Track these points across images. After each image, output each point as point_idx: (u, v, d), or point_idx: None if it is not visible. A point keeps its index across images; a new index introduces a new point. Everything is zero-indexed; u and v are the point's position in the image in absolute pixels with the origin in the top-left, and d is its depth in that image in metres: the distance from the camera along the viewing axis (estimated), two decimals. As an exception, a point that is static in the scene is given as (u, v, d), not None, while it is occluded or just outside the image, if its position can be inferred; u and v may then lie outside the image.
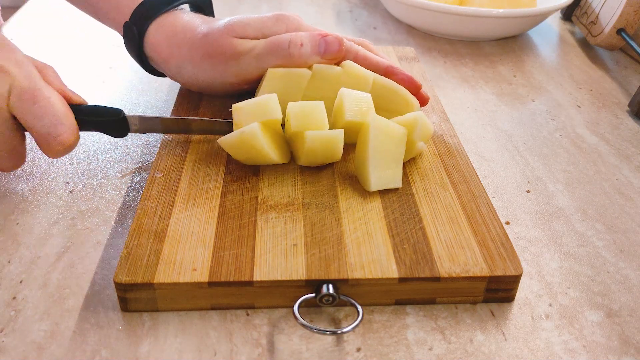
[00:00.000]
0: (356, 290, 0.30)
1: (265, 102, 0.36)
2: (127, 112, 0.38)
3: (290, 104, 0.36)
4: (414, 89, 0.42)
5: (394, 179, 0.36)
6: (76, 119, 0.35)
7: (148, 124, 0.39)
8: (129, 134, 0.38)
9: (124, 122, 0.37)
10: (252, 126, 0.35)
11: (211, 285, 0.30)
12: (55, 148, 0.33)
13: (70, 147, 0.34)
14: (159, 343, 0.29)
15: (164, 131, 0.40)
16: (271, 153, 0.36)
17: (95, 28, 0.55)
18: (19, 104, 0.31)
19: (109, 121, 0.36)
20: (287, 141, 0.39)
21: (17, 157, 0.34)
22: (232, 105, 0.37)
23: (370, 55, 0.43)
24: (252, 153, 0.36)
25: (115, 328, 0.30)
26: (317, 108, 0.36)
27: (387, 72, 0.42)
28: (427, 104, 0.44)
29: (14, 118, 0.33)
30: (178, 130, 0.40)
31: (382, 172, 0.36)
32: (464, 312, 0.31)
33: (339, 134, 0.36)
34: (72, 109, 0.35)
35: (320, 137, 0.35)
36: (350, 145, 0.40)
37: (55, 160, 0.43)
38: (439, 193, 0.36)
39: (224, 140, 0.36)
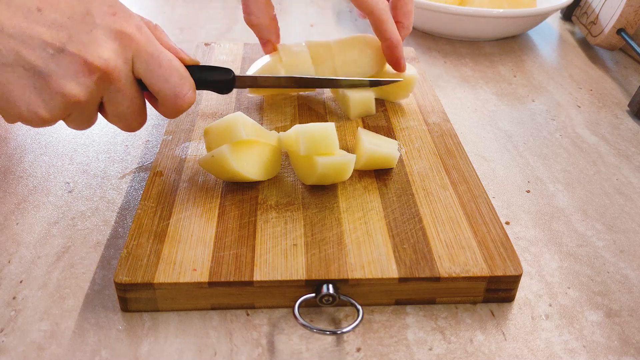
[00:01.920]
0: (356, 290, 0.30)
1: (231, 124, 0.34)
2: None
3: (298, 127, 0.35)
4: (393, 55, 0.44)
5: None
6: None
7: (250, 82, 0.41)
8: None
9: (233, 81, 0.39)
10: (221, 149, 0.34)
11: (211, 285, 0.30)
12: (180, 107, 0.34)
13: (191, 105, 0.35)
14: (159, 343, 0.29)
15: (262, 86, 0.42)
16: (248, 173, 0.35)
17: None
18: (145, 68, 0.32)
19: (220, 81, 0.38)
20: (284, 155, 0.38)
21: (143, 117, 0.34)
22: (204, 128, 0.37)
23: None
24: (229, 174, 0.35)
25: (115, 328, 0.30)
26: (327, 131, 0.34)
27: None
28: (401, 70, 0.45)
29: (138, 81, 0.33)
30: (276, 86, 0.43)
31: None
32: (464, 312, 0.31)
33: (350, 160, 0.34)
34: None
35: (333, 163, 0.34)
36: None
37: (55, 160, 0.43)
38: (439, 193, 0.36)
39: (202, 162, 0.35)
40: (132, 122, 0.34)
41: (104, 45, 0.30)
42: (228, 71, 0.38)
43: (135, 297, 0.30)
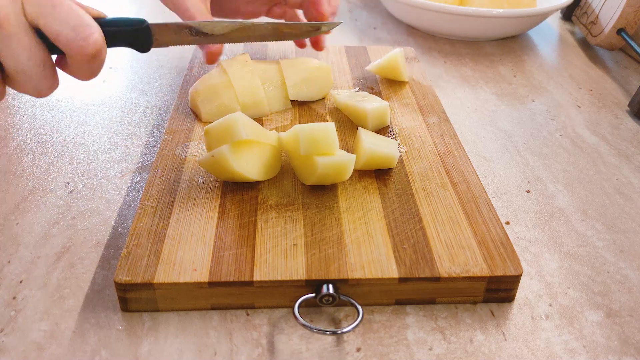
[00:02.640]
0: (356, 290, 0.30)
1: (231, 124, 0.34)
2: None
3: (298, 127, 0.35)
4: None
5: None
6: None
7: (171, 35, 0.37)
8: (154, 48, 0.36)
9: (147, 32, 0.35)
10: (221, 149, 0.34)
11: (211, 285, 0.30)
12: (87, 52, 0.30)
13: (100, 52, 0.31)
14: (159, 343, 0.29)
15: (186, 42, 0.38)
16: (248, 174, 0.35)
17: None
18: (37, 10, 0.29)
19: (132, 31, 0.34)
20: (284, 155, 0.38)
21: (51, 77, 0.31)
22: (205, 128, 0.36)
23: None
24: (229, 174, 0.35)
25: (115, 328, 0.30)
26: (327, 131, 0.34)
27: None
28: (319, 47, 0.47)
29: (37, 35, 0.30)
30: (202, 40, 0.39)
31: None
32: (464, 312, 0.31)
33: (350, 160, 0.34)
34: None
35: (333, 163, 0.34)
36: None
37: (55, 160, 0.43)
38: (439, 193, 0.36)
39: (202, 162, 0.35)
40: (38, 81, 0.30)
41: None
42: (140, 21, 0.34)
43: (135, 297, 0.30)
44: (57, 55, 0.31)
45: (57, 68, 0.32)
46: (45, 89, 0.31)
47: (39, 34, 0.29)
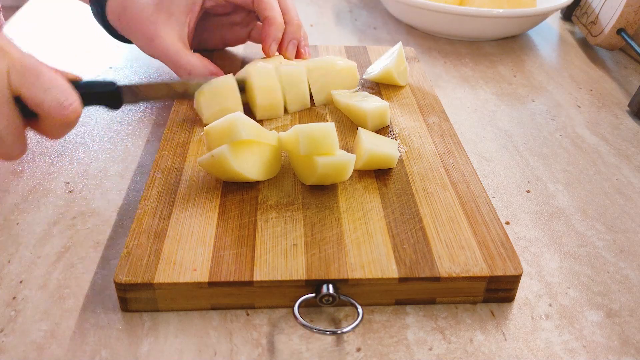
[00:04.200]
0: (356, 290, 0.30)
1: (231, 124, 0.34)
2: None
3: (298, 127, 0.35)
4: (267, 33, 0.46)
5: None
6: None
7: (139, 93, 0.40)
8: (125, 106, 0.40)
9: (119, 93, 0.38)
10: (221, 149, 0.34)
11: (211, 285, 0.30)
12: (66, 118, 0.32)
13: (77, 118, 0.33)
14: (159, 343, 0.29)
15: (157, 98, 0.42)
16: (248, 174, 0.35)
17: (96, 28, 0.55)
18: (22, 80, 0.30)
19: (104, 93, 0.38)
20: (284, 155, 0.38)
21: (23, 142, 0.33)
22: (205, 128, 0.36)
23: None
24: (229, 174, 0.35)
25: (115, 328, 0.30)
26: (327, 131, 0.34)
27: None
28: (266, 51, 0.47)
29: (15, 101, 0.31)
30: (170, 96, 0.42)
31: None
32: (464, 312, 0.31)
33: (350, 160, 0.34)
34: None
35: (333, 163, 0.34)
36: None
37: (55, 160, 0.43)
38: (439, 193, 0.36)
39: (202, 162, 0.35)
40: (10, 146, 0.32)
41: None
42: (111, 84, 0.38)
43: (135, 297, 0.30)
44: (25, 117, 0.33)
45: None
46: (17, 154, 0.33)
47: (18, 104, 0.31)
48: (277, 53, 0.48)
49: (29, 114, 0.32)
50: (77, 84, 0.35)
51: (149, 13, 0.45)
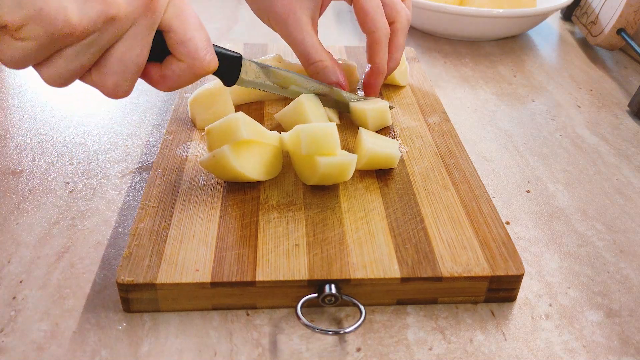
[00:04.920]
0: (358, 290, 0.30)
1: (232, 124, 0.34)
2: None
3: (300, 127, 0.35)
4: (373, 81, 0.44)
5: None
6: None
7: (257, 74, 0.39)
8: (237, 85, 0.38)
9: (238, 65, 0.37)
10: (222, 149, 0.34)
11: (213, 286, 0.30)
12: (205, 67, 0.31)
13: (210, 70, 0.32)
14: (159, 343, 0.29)
15: (266, 89, 0.40)
16: (249, 174, 0.35)
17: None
18: (179, 13, 0.29)
19: (227, 61, 0.36)
20: (286, 155, 0.38)
21: (135, 79, 0.30)
22: (206, 128, 0.36)
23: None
24: (230, 174, 0.35)
25: (115, 328, 0.30)
26: (329, 131, 0.34)
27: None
28: (372, 94, 0.45)
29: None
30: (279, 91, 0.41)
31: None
32: (464, 312, 0.31)
33: (352, 160, 0.34)
34: None
35: (335, 163, 0.34)
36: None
37: (55, 160, 0.43)
38: (441, 193, 0.36)
39: (203, 162, 0.35)
40: (124, 80, 0.29)
41: None
42: (236, 54, 0.36)
43: (137, 297, 0.30)
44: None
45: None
46: (123, 90, 0.30)
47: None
48: (275, 53, 0.47)
49: (155, 57, 0.31)
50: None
51: None
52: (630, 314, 0.32)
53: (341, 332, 0.28)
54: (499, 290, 0.31)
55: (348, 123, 0.44)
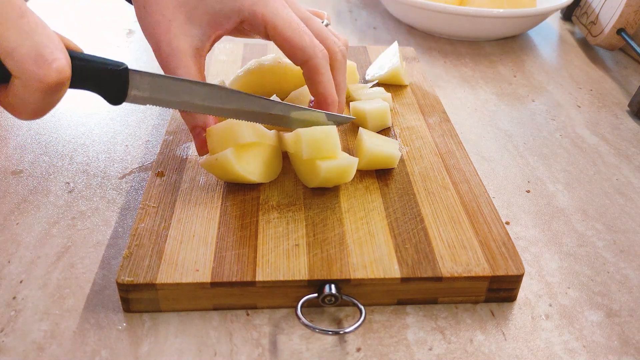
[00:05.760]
0: (358, 290, 0.30)
1: (234, 127, 0.34)
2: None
3: (301, 131, 0.34)
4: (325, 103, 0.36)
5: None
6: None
7: (155, 88, 0.30)
8: (127, 102, 0.30)
9: (124, 80, 0.29)
10: (225, 153, 0.34)
11: (214, 286, 0.30)
12: (45, 80, 0.24)
13: (61, 83, 0.25)
14: (159, 343, 0.29)
15: (173, 106, 0.32)
16: (251, 176, 0.35)
17: (96, 29, 0.55)
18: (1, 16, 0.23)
19: (105, 74, 0.28)
20: (286, 157, 0.38)
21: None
22: (207, 129, 0.35)
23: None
24: (232, 176, 0.35)
25: (115, 328, 0.30)
26: (329, 134, 0.34)
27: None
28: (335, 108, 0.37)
29: None
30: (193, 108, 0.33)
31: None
32: (464, 312, 0.31)
33: (353, 163, 0.34)
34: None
35: (336, 167, 0.34)
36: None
37: (55, 160, 0.43)
38: (441, 193, 0.36)
39: (204, 164, 0.35)
40: (37, 107, 0.25)
41: None
42: (119, 64, 0.28)
43: (137, 297, 0.30)
44: None
45: None
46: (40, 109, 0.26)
47: None
48: (274, 54, 0.47)
49: None
50: (73, 53, 0.27)
51: (168, 3, 0.34)
52: (630, 314, 0.32)
53: (341, 332, 0.28)
54: (499, 290, 0.31)
55: (349, 123, 0.44)
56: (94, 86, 0.29)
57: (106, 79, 0.28)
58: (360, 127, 0.40)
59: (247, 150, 0.35)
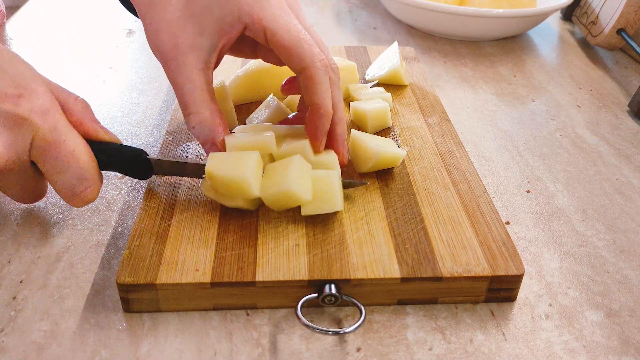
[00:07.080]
0: (358, 290, 0.30)
1: (240, 182, 0.32)
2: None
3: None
4: (317, 125, 0.34)
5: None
6: (97, 157, 0.33)
7: (173, 168, 0.36)
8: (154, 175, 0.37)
9: (147, 164, 0.35)
10: (238, 204, 0.33)
11: (214, 286, 0.30)
12: (76, 202, 0.33)
13: (91, 201, 0.33)
14: (159, 343, 0.29)
15: (189, 175, 0.36)
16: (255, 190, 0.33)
17: (96, 28, 0.55)
18: (41, 156, 0.31)
19: (132, 162, 0.35)
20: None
21: (38, 194, 0.35)
22: (210, 153, 0.33)
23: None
24: (234, 191, 0.33)
25: (115, 328, 0.30)
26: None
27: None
28: (316, 150, 0.35)
29: (34, 164, 0.32)
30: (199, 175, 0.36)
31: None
32: (464, 312, 0.31)
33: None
34: (96, 147, 0.33)
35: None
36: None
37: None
38: (440, 193, 0.36)
39: (207, 192, 0.34)
40: (24, 199, 0.34)
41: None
42: (139, 151, 0.35)
43: (137, 297, 0.30)
44: None
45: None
46: (29, 202, 0.35)
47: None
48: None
49: None
50: (105, 147, 0.33)
51: (175, 9, 0.33)
52: (630, 314, 0.32)
53: (341, 332, 0.28)
54: (499, 290, 0.31)
55: (349, 123, 0.44)
56: (123, 171, 0.36)
57: (134, 168, 0.35)
58: (352, 130, 0.40)
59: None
